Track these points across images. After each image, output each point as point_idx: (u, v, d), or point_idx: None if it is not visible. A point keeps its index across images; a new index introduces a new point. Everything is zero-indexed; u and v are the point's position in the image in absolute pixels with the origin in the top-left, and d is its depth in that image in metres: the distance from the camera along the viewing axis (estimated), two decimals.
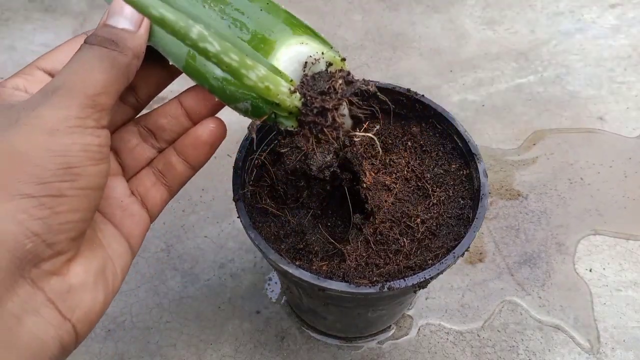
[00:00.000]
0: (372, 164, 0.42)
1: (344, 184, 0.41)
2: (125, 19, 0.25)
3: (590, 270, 0.55)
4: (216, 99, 0.29)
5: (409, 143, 0.43)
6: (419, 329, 0.51)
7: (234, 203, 0.37)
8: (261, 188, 0.40)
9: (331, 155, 0.43)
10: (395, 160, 0.42)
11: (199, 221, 0.58)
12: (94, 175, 0.22)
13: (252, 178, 0.40)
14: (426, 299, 0.53)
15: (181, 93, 0.30)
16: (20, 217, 0.20)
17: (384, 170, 0.42)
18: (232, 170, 0.38)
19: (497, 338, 0.51)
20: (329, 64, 0.31)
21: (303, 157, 0.43)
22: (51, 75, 0.27)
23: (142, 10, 0.22)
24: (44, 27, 0.79)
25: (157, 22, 0.22)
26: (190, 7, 0.28)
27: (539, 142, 0.66)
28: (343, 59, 0.32)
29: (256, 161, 0.41)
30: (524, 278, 0.55)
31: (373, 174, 0.42)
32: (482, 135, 0.67)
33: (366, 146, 0.43)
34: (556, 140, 0.66)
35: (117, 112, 0.29)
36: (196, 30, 0.23)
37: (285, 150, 0.42)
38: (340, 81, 0.30)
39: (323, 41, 0.32)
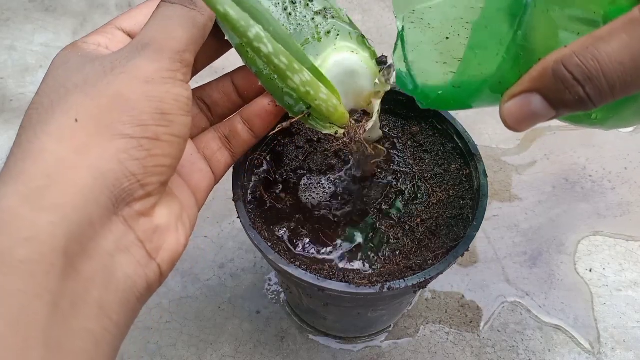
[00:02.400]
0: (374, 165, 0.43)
1: (347, 184, 0.41)
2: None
3: (591, 271, 0.55)
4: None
5: (409, 143, 0.43)
6: (419, 329, 0.51)
7: (233, 203, 0.37)
8: (261, 187, 0.40)
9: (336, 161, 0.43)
10: (395, 160, 0.42)
11: (198, 221, 0.58)
12: (183, 125, 0.24)
13: (252, 178, 0.40)
14: (426, 299, 0.53)
15: (233, 71, 0.32)
16: (121, 157, 0.21)
17: (384, 171, 0.42)
18: (232, 170, 0.38)
19: (497, 338, 0.51)
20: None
21: (303, 157, 0.43)
22: (130, 35, 0.27)
23: (208, 3, 0.23)
24: (44, 27, 0.79)
25: (221, 17, 0.23)
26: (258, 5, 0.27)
27: (539, 142, 0.66)
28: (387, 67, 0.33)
29: (256, 161, 0.41)
30: (524, 278, 0.55)
31: (374, 174, 0.42)
32: (482, 135, 0.67)
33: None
34: (556, 140, 0.66)
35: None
36: (254, 31, 0.24)
37: (286, 149, 0.43)
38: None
39: (372, 53, 0.34)
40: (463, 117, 0.69)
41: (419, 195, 0.41)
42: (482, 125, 0.68)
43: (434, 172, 0.41)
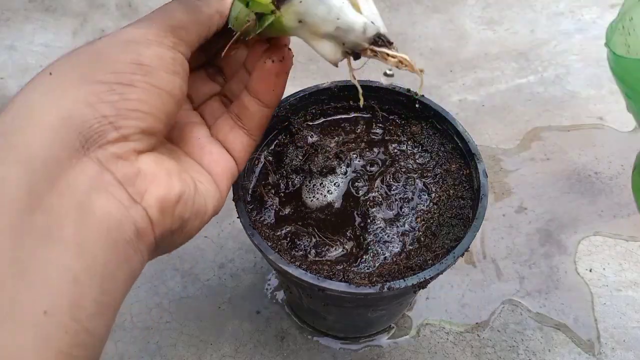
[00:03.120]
0: (375, 164, 0.42)
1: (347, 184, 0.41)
2: None
3: (591, 271, 0.55)
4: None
5: (409, 143, 0.43)
6: (419, 329, 0.51)
7: (233, 203, 0.37)
8: (261, 187, 0.40)
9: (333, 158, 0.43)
10: (395, 160, 0.42)
11: None
12: (166, 80, 0.24)
13: (252, 178, 0.40)
14: (426, 299, 0.53)
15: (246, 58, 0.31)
16: (91, 99, 0.21)
17: (384, 170, 0.42)
18: None
19: (497, 338, 0.51)
20: None
21: (303, 157, 0.43)
22: None
23: None
24: (44, 27, 0.79)
25: None
26: None
27: (539, 142, 0.66)
28: None
29: (256, 161, 0.41)
30: (524, 278, 0.55)
31: (375, 175, 0.42)
32: (482, 135, 0.67)
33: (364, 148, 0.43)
34: (556, 141, 0.66)
35: (206, 86, 0.31)
36: None
37: (286, 149, 0.42)
38: None
39: None
40: (463, 117, 0.69)
41: (419, 195, 0.41)
42: (482, 125, 0.68)
43: (434, 172, 0.41)
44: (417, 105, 0.43)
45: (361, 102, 0.30)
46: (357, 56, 0.25)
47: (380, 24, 0.26)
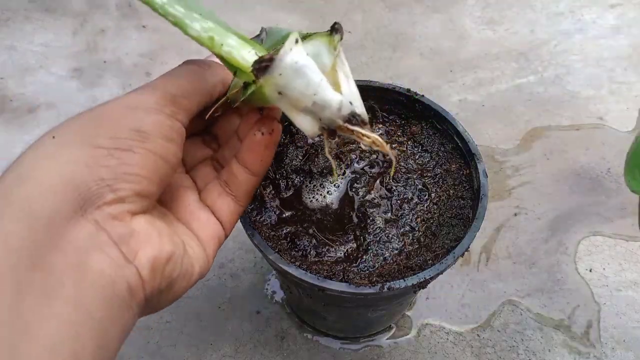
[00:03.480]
0: (374, 164, 0.42)
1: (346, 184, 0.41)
2: None
3: (591, 271, 0.55)
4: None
5: (409, 143, 0.43)
6: (419, 329, 0.51)
7: None
8: (261, 188, 0.40)
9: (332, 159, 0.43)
10: (396, 160, 0.42)
11: None
12: (162, 147, 0.25)
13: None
14: (426, 299, 0.53)
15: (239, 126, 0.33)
16: (91, 163, 0.23)
17: (384, 171, 0.42)
18: None
19: (497, 338, 0.51)
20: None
21: (303, 158, 0.43)
22: None
23: None
24: (44, 27, 0.79)
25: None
26: None
27: (539, 142, 0.66)
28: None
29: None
30: (524, 278, 0.55)
31: (375, 176, 0.42)
32: (482, 135, 0.67)
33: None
34: (556, 141, 0.66)
35: (200, 151, 0.33)
36: None
37: (286, 149, 0.42)
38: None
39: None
40: (463, 117, 0.69)
41: (419, 195, 0.41)
42: (482, 125, 0.68)
43: (434, 172, 0.41)
44: (417, 106, 0.43)
45: (334, 177, 0.30)
46: (332, 133, 0.26)
47: (358, 104, 0.27)
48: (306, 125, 0.26)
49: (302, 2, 0.83)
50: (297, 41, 0.24)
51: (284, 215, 0.39)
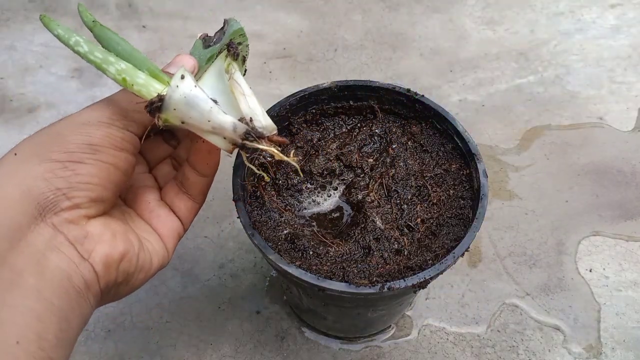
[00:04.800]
0: (374, 164, 0.42)
1: (345, 184, 0.41)
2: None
3: (591, 271, 0.55)
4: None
5: (409, 143, 0.43)
6: (419, 329, 0.51)
7: (234, 203, 0.37)
8: (261, 188, 0.40)
9: (333, 160, 0.43)
10: (396, 160, 0.42)
11: (199, 221, 0.58)
12: (113, 156, 0.28)
13: (252, 178, 0.40)
14: (426, 299, 0.53)
15: None
16: (47, 175, 0.26)
17: (384, 171, 0.42)
18: (232, 170, 0.38)
19: (497, 338, 0.51)
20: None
21: (303, 158, 0.43)
22: None
23: (43, 20, 0.30)
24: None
25: (52, 32, 0.30)
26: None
27: (539, 142, 0.66)
28: None
29: (256, 161, 0.41)
30: (524, 278, 0.55)
31: (375, 177, 0.42)
32: (482, 135, 0.67)
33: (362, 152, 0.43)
34: (556, 140, 0.66)
35: (160, 149, 0.36)
36: (74, 39, 0.29)
37: (286, 149, 0.42)
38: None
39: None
40: (463, 117, 0.69)
41: (419, 195, 0.41)
42: (482, 125, 0.68)
43: (434, 172, 0.41)
44: (417, 106, 0.43)
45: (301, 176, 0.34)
46: (242, 147, 0.29)
47: (260, 118, 0.29)
48: (218, 142, 0.29)
49: (302, 2, 0.82)
50: (182, 77, 0.27)
51: (284, 216, 0.39)
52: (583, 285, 0.54)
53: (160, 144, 0.36)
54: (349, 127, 0.45)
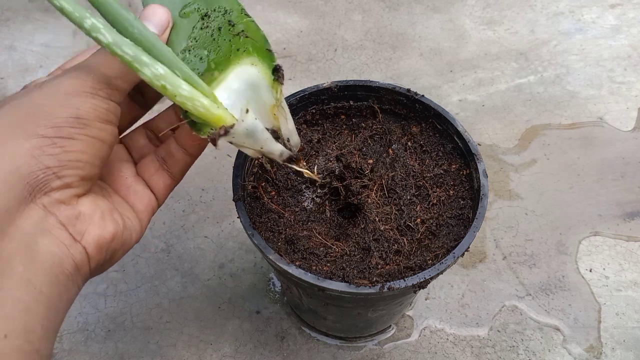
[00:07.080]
0: (373, 164, 0.42)
1: (344, 184, 0.41)
2: (154, 24, 0.31)
3: (591, 271, 0.55)
4: None
5: (409, 143, 0.43)
6: (419, 330, 0.51)
7: (234, 203, 0.37)
8: (261, 188, 0.40)
9: (333, 160, 0.43)
10: (395, 161, 0.42)
11: (199, 221, 0.58)
12: (100, 130, 0.26)
13: (252, 178, 0.40)
14: (426, 299, 0.53)
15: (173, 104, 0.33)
16: (36, 153, 0.24)
17: (384, 171, 0.42)
18: (232, 170, 0.38)
19: (497, 338, 0.51)
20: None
21: (304, 158, 0.43)
22: None
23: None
24: (44, 27, 0.79)
25: (58, 9, 0.25)
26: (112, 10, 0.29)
27: (539, 142, 0.66)
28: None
29: (256, 161, 0.41)
30: (524, 278, 0.55)
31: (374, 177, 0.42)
32: (482, 135, 0.67)
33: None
34: (556, 140, 0.66)
35: (129, 110, 0.33)
36: (90, 22, 0.25)
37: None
38: None
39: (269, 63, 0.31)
40: (463, 117, 0.69)
41: (419, 195, 0.41)
42: (482, 125, 0.68)
43: (434, 172, 0.41)
44: (417, 106, 0.43)
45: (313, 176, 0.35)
46: (278, 164, 0.32)
47: (294, 137, 0.32)
48: (250, 153, 0.31)
49: (302, 2, 0.82)
50: (247, 111, 0.28)
51: (284, 215, 0.39)
52: (583, 285, 0.54)
53: (126, 102, 0.33)
54: (349, 128, 0.45)
